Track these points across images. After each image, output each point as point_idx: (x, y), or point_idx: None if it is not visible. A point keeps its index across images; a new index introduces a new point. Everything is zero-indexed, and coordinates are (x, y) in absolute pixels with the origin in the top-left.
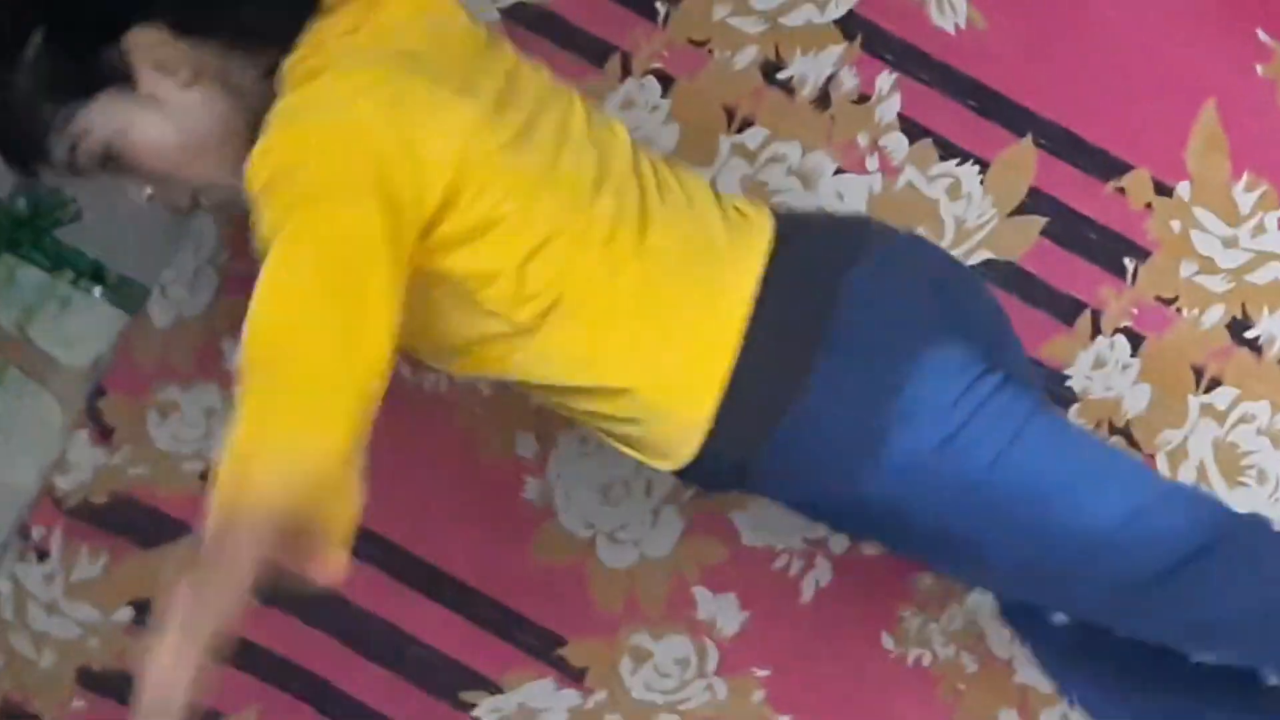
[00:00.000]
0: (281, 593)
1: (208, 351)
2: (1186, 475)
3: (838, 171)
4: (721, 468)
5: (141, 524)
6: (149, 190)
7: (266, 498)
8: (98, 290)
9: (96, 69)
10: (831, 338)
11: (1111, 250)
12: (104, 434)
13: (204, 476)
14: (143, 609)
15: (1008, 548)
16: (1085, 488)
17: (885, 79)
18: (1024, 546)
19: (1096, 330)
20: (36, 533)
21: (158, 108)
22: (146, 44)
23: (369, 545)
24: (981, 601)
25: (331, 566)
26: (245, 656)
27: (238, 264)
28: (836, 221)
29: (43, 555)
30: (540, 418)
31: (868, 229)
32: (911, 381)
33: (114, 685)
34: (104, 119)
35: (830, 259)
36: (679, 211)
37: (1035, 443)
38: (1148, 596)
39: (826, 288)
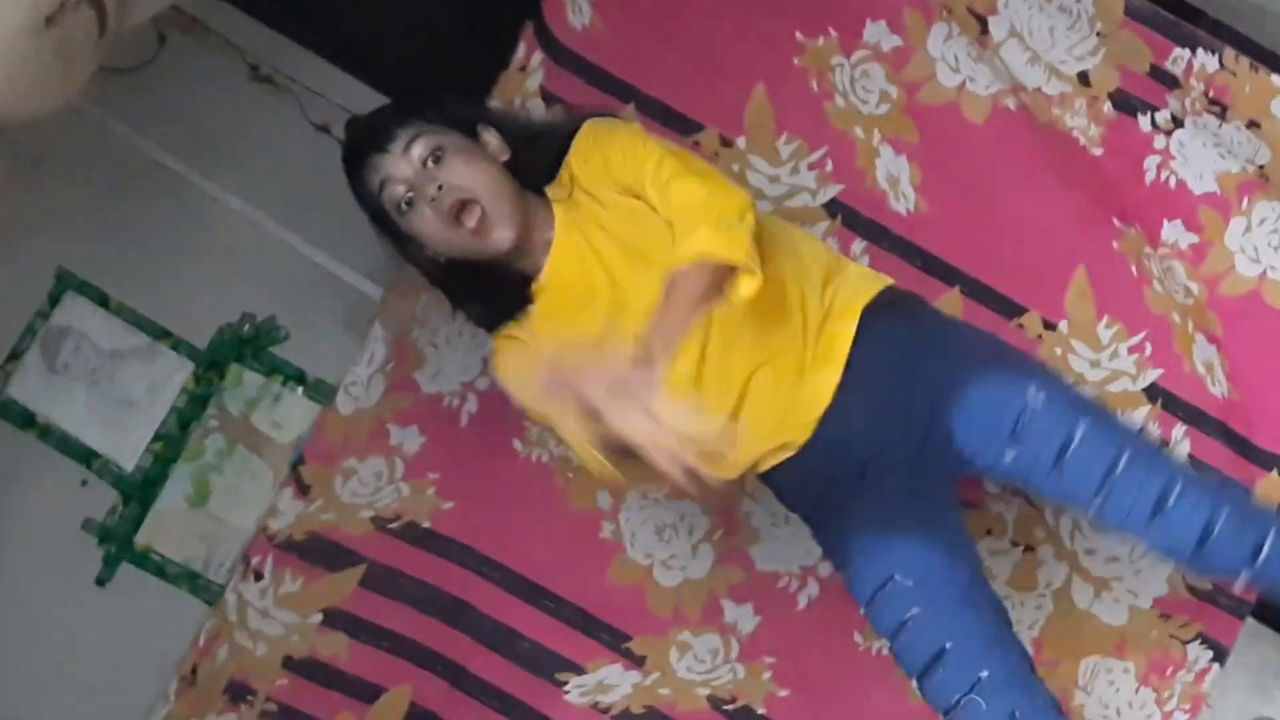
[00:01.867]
0: None
1: (377, 433)
2: None
3: None
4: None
5: (328, 554)
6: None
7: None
8: (300, 389)
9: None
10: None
11: None
12: (303, 490)
13: (374, 521)
14: (329, 614)
15: None
16: None
17: (858, 246)
18: None
19: None
20: (254, 560)
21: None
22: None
23: (491, 569)
24: None
25: (744, 287)
26: (402, 646)
27: (398, 372)
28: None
29: (259, 576)
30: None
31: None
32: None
33: (309, 668)
34: (455, 139)
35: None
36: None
37: None
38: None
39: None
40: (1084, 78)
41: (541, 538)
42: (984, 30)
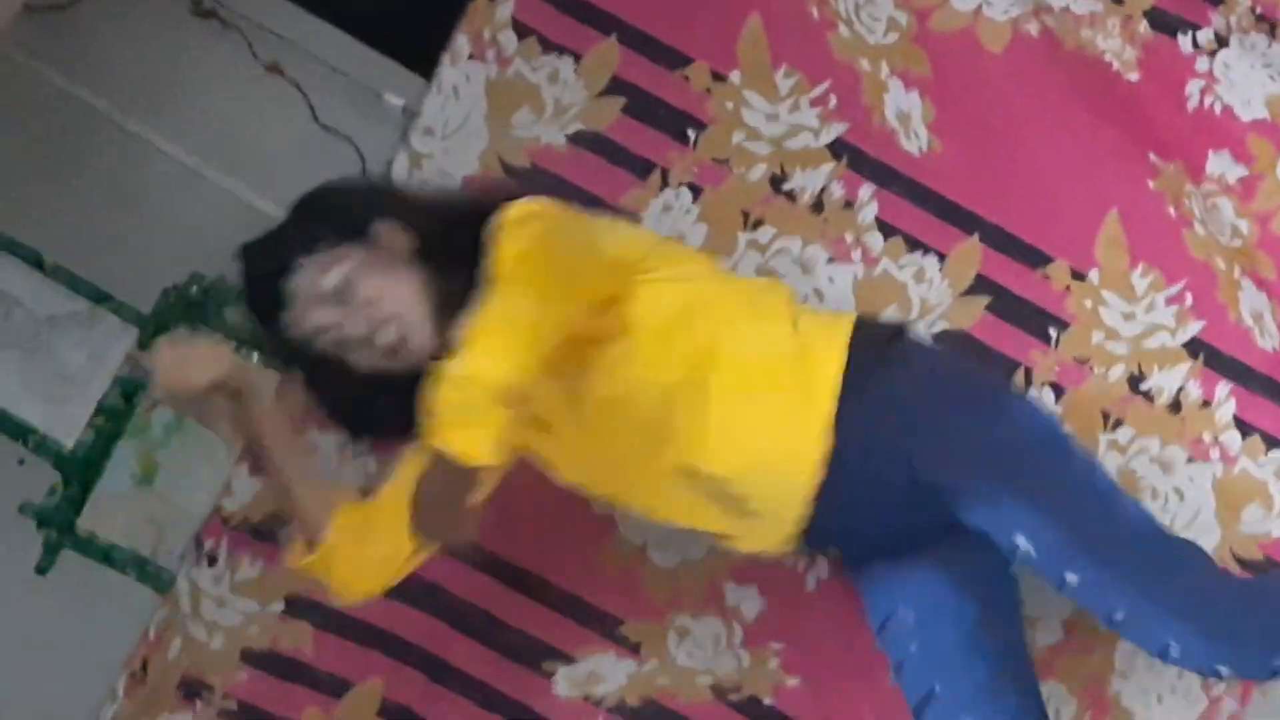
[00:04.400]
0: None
1: None
2: None
3: (830, 261)
4: None
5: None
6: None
7: None
8: (255, 355)
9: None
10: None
11: (1039, 323)
12: (260, 466)
13: None
14: (292, 602)
15: None
16: None
17: (865, 190)
18: None
19: (1029, 384)
20: (208, 544)
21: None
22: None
23: (469, 551)
24: None
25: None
26: (372, 636)
27: None
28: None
29: (212, 561)
30: None
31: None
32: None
33: (270, 662)
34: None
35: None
36: None
37: None
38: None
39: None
40: None
41: (525, 517)
42: None
